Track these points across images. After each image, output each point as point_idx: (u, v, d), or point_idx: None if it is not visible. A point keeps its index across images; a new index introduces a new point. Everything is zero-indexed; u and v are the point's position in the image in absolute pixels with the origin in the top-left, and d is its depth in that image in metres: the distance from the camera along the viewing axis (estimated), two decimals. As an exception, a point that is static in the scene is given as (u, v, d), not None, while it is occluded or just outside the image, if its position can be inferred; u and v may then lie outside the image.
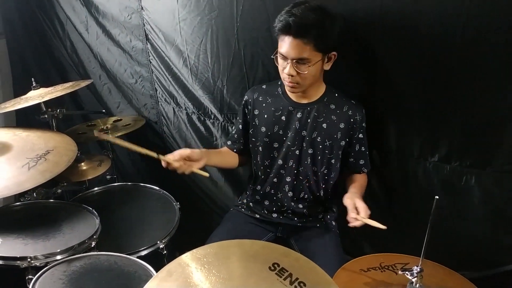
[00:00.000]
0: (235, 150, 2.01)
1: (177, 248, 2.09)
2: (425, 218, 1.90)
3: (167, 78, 2.35)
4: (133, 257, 1.51)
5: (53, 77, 2.76)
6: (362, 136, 1.84)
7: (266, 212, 1.96)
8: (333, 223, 1.97)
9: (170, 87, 2.38)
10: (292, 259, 1.24)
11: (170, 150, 2.50)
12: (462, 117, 1.72)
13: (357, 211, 1.58)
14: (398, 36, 1.73)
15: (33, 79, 2.10)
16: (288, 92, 1.83)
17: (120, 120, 2.46)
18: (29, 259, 1.42)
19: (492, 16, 1.54)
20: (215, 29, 2.07)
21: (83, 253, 1.51)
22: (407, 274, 1.32)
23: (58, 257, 1.48)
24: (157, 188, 2.14)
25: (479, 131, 1.71)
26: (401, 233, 2.02)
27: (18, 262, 1.43)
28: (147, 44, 2.34)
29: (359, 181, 1.88)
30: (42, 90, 2.09)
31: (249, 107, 1.89)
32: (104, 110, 2.60)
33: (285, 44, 1.62)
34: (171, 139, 2.52)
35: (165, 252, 1.82)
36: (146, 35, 2.31)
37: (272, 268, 1.20)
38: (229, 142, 2.02)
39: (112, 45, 2.46)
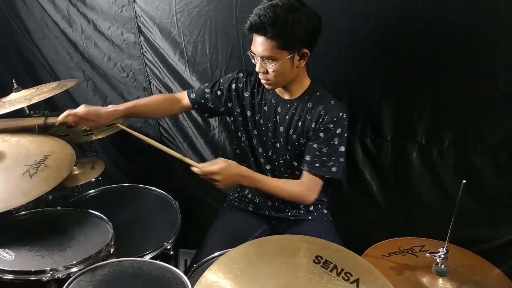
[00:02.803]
0: (195, 106, 1.94)
1: (179, 246, 2.07)
2: (420, 201, 2.03)
3: (162, 70, 2.32)
4: (157, 261, 1.47)
5: (22, 78, 2.59)
6: (322, 136, 1.71)
7: (257, 201, 1.98)
8: (325, 211, 2.01)
9: (165, 79, 2.35)
10: (332, 250, 1.26)
11: (165, 140, 2.52)
12: (455, 100, 1.83)
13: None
14: (394, 22, 1.81)
15: (14, 81, 1.98)
16: None
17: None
18: (51, 272, 1.35)
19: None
20: (213, 20, 2.08)
21: (103, 260, 1.46)
22: (434, 256, 1.38)
23: (77, 268, 1.41)
24: (154, 188, 2.09)
25: (471, 113, 1.83)
26: (397, 217, 2.12)
27: (39, 275, 1.35)
28: (140, 36, 2.29)
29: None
30: (25, 92, 1.97)
31: (240, 85, 1.86)
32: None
33: (253, 42, 1.63)
34: (167, 130, 2.49)
35: (172, 252, 1.78)
36: (139, 28, 2.27)
37: (316, 261, 1.22)
38: (192, 95, 1.93)
39: (100, 39, 2.38)
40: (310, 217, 1.95)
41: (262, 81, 1.72)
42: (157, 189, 2.08)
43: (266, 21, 1.53)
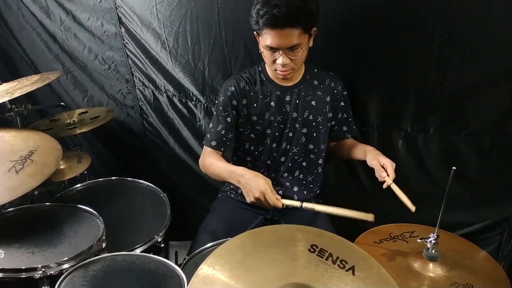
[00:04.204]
0: (222, 149, 1.87)
1: (169, 239, 2.07)
2: (406, 187, 2.04)
3: (145, 61, 2.28)
4: (150, 254, 1.46)
5: (1, 71, 2.53)
6: (343, 104, 1.90)
7: None
8: (320, 201, 2.03)
9: (148, 70, 2.30)
10: (327, 239, 1.27)
11: (149, 134, 2.48)
12: (440, 87, 1.85)
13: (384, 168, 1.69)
14: (379, 11, 1.81)
15: (-5, 74, 1.94)
16: (272, 77, 1.83)
17: (86, 112, 2.32)
18: (43, 269, 1.33)
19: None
20: (194, 11, 2.04)
21: (95, 255, 1.44)
22: (425, 242, 1.41)
23: (69, 264, 1.39)
24: (142, 181, 2.06)
25: (456, 100, 1.86)
26: (384, 203, 2.14)
27: (31, 273, 1.33)
28: (120, 28, 2.23)
29: (354, 143, 1.97)
30: (6, 86, 1.92)
31: (237, 97, 1.82)
32: (63, 103, 2.43)
33: (273, 37, 1.58)
34: (151, 123, 2.45)
35: (162, 245, 1.78)
36: (119, 19, 2.21)
37: (312, 250, 1.22)
38: (213, 143, 1.85)
39: (80, 30, 2.31)
40: None
41: (283, 74, 1.70)
42: (145, 182, 2.06)
43: (295, 11, 1.51)
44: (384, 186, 1.68)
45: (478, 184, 1.97)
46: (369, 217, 1.47)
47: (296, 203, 1.57)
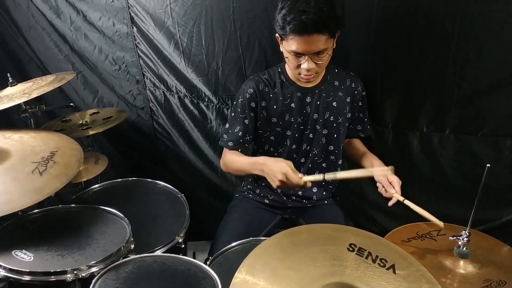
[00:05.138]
0: (240, 151, 1.86)
1: (188, 239, 2.05)
2: (421, 188, 2.06)
3: (156, 62, 2.26)
4: (179, 255, 1.45)
5: (9, 71, 2.46)
6: (361, 104, 1.90)
7: (275, 196, 1.95)
8: (337, 198, 2.03)
9: (159, 71, 2.28)
10: (364, 237, 1.27)
11: (159, 135, 2.46)
12: (457, 86, 1.84)
13: (392, 185, 1.64)
14: (395, 10, 1.81)
15: (9, 75, 1.90)
16: (292, 79, 1.81)
17: (98, 113, 2.30)
18: (74, 272, 1.31)
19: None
20: (209, 10, 2.02)
21: (124, 257, 1.42)
22: (458, 239, 1.41)
23: (98, 266, 1.37)
24: (158, 181, 2.04)
25: (473, 99, 1.84)
26: (398, 204, 2.14)
27: (62, 276, 1.31)
28: (132, 27, 2.21)
29: (363, 150, 1.96)
30: (22, 86, 1.89)
31: (256, 99, 1.81)
32: (72, 104, 2.40)
33: (299, 43, 1.56)
34: (161, 124, 2.43)
35: (183, 246, 1.76)
36: (131, 18, 2.19)
37: (351, 249, 1.23)
38: (230, 143, 1.85)
39: (90, 30, 2.29)
40: (326, 201, 1.97)
41: (307, 78, 1.69)
42: (161, 183, 2.04)
43: (324, 17, 1.49)
44: (390, 203, 1.63)
45: (495, 187, 1.94)
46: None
47: (319, 177, 1.59)
